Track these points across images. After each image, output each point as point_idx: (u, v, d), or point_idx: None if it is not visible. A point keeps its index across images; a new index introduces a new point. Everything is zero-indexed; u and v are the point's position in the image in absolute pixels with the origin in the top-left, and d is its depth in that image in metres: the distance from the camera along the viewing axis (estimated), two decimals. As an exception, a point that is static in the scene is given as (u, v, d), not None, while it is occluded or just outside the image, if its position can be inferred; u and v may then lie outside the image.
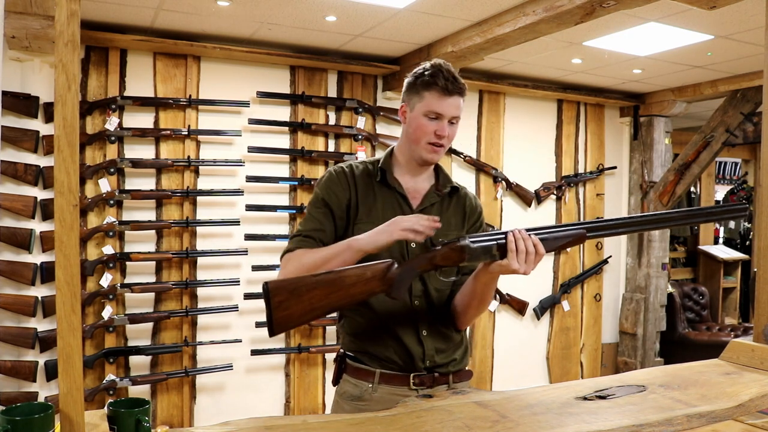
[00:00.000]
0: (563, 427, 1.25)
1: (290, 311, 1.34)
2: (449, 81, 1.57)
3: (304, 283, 1.36)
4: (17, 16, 3.00)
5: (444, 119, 1.59)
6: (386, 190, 1.65)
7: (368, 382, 1.59)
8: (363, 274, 1.40)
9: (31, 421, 1.01)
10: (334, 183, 1.65)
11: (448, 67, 1.60)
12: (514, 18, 3.19)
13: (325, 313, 1.40)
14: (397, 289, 1.43)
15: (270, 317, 1.33)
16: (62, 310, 1.05)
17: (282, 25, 3.58)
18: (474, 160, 4.76)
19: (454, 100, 1.58)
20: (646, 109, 5.41)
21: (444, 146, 1.62)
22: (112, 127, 3.61)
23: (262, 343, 3.99)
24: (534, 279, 5.08)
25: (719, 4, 2.59)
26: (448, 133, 1.60)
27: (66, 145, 1.06)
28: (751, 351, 1.72)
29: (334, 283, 1.38)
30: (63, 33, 1.05)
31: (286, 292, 1.34)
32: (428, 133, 1.59)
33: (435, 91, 1.57)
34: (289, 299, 1.33)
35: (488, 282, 1.54)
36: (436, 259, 1.45)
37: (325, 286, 1.37)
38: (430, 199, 1.66)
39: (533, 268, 1.44)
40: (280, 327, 1.35)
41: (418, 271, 1.46)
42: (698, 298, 6.28)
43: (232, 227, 3.90)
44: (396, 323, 1.59)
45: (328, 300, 1.37)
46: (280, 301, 1.33)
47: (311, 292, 1.35)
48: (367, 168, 1.68)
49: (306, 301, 1.35)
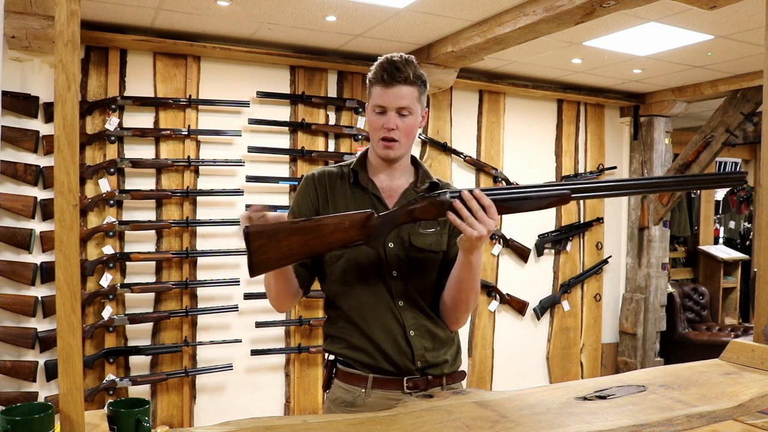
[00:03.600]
0: (563, 427, 1.25)
1: (269, 255, 1.36)
2: (387, 72, 1.53)
3: (283, 228, 1.38)
4: (17, 16, 3.00)
5: (390, 111, 1.54)
6: (360, 192, 1.63)
7: (361, 387, 1.57)
8: (341, 223, 1.41)
9: (31, 421, 1.01)
10: (303, 191, 1.66)
11: (395, 59, 1.55)
12: (514, 18, 3.19)
13: (303, 258, 1.44)
14: (375, 239, 1.43)
15: (250, 260, 1.36)
16: (62, 310, 1.05)
17: (282, 25, 3.58)
18: (474, 160, 4.76)
19: (396, 90, 1.53)
20: (646, 109, 5.41)
21: (397, 140, 1.56)
22: (112, 127, 3.61)
23: (262, 343, 3.99)
24: (534, 279, 5.09)
25: (719, 4, 2.59)
26: (398, 124, 1.55)
27: (66, 145, 1.06)
28: (751, 351, 1.72)
29: (312, 231, 1.39)
30: (63, 33, 1.05)
31: (266, 237, 1.36)
32: (377, 128, 1.57)
33: (377, 85, 1.56)
34: (268, 244, 1.36)
35: (469, 262, 1.50)
36: (415, 212, 1.44)
37: (304, 233, 1.39)
38: (407, 196, 1.62)
39: (493, 225, 1.41)
40: (260, 269, 1.38)
41: (397, 222, 1.46)
42: (698, 298, 6.28)
43: (232, 227, 3.90)
44: (384, 325, 1.57)
45: (307, 246, 1.39)
46: (260, 245, 1.35)
47: (290, 239, 1.37)
48: (341, 171, 1.67)
49: (285, 246, 1.37)
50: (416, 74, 1.56)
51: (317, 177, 1.66)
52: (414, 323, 1.58)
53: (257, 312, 3.92)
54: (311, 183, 1.66)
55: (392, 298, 1.58)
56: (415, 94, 1.57)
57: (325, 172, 1.67)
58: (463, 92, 4.77)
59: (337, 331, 1.62)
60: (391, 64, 1.54)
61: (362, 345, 1.57)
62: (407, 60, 1.57)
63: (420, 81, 1.58)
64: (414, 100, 1.57)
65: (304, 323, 4.03)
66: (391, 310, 1.57)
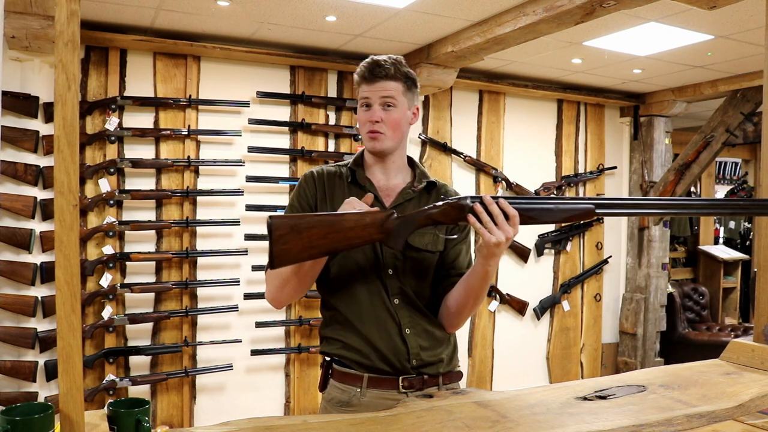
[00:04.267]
0: (563, 427, 1.25)
1: (289, 245, 1.37)
2: (368, 68, 1.58)
3: (305, 221, 1.40)
4: (17, 16, 3.00)
5: (374, 104, 1.58)
6: (357, 190, 1.63)
7: (356, 386, 1.57)
8: (362, 220, 1.42)
9: (31, 421, 1.01)
10: (303, 189, 1.66)
11: (377, 57, 1.60)
12: (514, 18, 3.19)
13: (323, 253, 1.43)
14: (395, 239, 1.44)
15: (271, 249, 1.36)
16: (62, 310, 1.05)
17: (282, 25, 3.58)
18: (474, 160, 4.76)
19: (379, 84, 1.58)
20: (646, 109, 5.41)
21: (382, 132, 1.59)
22: (112, 127, 3.61)
23: (262, 343, 3.99)
24: (534, 279, 5.09)
25: (719, 4, 2.59)
26: (383, 117, 1.58)
27: (66, 145, 1.06)
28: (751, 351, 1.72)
29: (333, 225, 1.40)
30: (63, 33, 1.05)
31: (287, 227, 1.37)
32: (364, 122, 1.60)
33: (362, 81, 1.60)
34: (289, 234, 1.36)
35: (485, 271, 1.50)
36: (435, 215, 1.45)
37: (325, 226, 1.39)
38: (405, 195, 1.64)
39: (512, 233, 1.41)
40: (280, 260, 1.38)
41: (417, 224, 1.46)
42: (698, 298, 6.28)
43: (232, 227, 3.90)
44: (379, 324, 1.57)
45: (327, 240, 1.39)
46: (281, 235, 1.36)
47: (311, 230, 1.38)
48: (339, 170, 1.68)
49: (305, 238, 1.37)
50: (400, 71, 1.60)
51: (317, 175, 1.67)
52: (410, 321, 1.58)
53: (257, 312, 3.92)
54: (311, 180, 1.67)
55: (388, 297, 1.58)
56: (399, 88, 1.60)
57: (323, 170, 1.68)
58: (463, 92, 4.77)
59: (332, 333, 1.62)
60: (373, 62, 1.59)
61: (357, 345, 1.57)
62: (394, 59, 1.61)
63: (405, 77, 1.61)
64: (398, 94, 1.60)
65: (304, 323, 4.03)
66: (387, 308, 1.57)
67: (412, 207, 1.62)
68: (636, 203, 1.53)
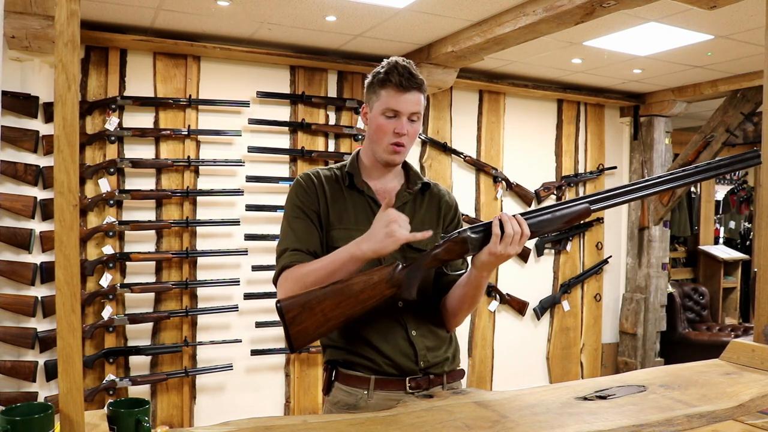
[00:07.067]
0: (563, 427, 1.25)
1: (305, 324, 1.36)
2: (404, 77, 1.53)
3: (314, 296, 1.38)
4: (17, 16, 3.00)
5: (402, 116, 1.54)
6: (355, 194, 1.62)
7: (363, 389, 1.56)
8: (370, 280, 1.41)
9: (31, 421, 1.01)
10: (303, 191, 1.61)
11: (405, 63, 1.57)
12: (514, 18, 3.19)
13: (341, 323, 1.41)
14: (407, 289, 1.43)
15: (287, 332, 1.36)
16: (62, 310, 1.05)
17: (282, 25, 3.58)
18: (474, 160, 4.76)
19: (411, 96, 1.54)
20: (646, 109, 5.41)
21: (405, 146, 1.57)
22: (112, 127, 3.61)
23: (262, 343, 3.99)
24: (534, 279, 5.09)
25: (719, 4, 2.59)
26: (408, 130, 1.55)
27: (66, 145, 1.06)
28: (751, 351, 1.72)
29: (342, 292, 1.38)
30: (63, 33, 1.05)
31: (298, 306, 1.36)
32: (387, 132, 1.55)
33: (390, 88, 1.54)
34: (302, 313, 1.36)
35: (481, 280, 1.52)
36: (440, 255, 1.45)
37: (335, 295, 1.38)
38: (402, 198, 1.63)
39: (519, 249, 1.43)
40: (298, 341, 1.37)
41: (426, 268, 1.46)
42: (698, 298, 6.28)
43: (232, 227, 3.90)
44: (385, 327, 1.57)
45: (341, 309, 1.38)
46: (294, 316, 1.36)
47: (322, 304, 1.37)
48: (334, 173, 1.66)
49: (318, 312, 1.37)
50: (424, 82, 1.59)
51: (315, 179, 1.64)
52: (415, 323, 1.59)
53: (257, 312, 3.92)
54: (311, 184, 1.63)
55: (392, 300, 1.56)
56: (423, 101, 1.59)
57: (320, 174, 1.66)
58: (463, 92, 4.77)
59: (336, 341, 1.62)
60: (405, 68, 1.55)
61: (363, 351, 1.57)
62: (415, 67, 1.59)
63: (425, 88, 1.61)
64: (422, 107, 1.59)
65: (304, 323, 4.03)
66: (391, 311, 1.58)
67: (408, 210, 1.62)
68: (626, 189, 1.52)
